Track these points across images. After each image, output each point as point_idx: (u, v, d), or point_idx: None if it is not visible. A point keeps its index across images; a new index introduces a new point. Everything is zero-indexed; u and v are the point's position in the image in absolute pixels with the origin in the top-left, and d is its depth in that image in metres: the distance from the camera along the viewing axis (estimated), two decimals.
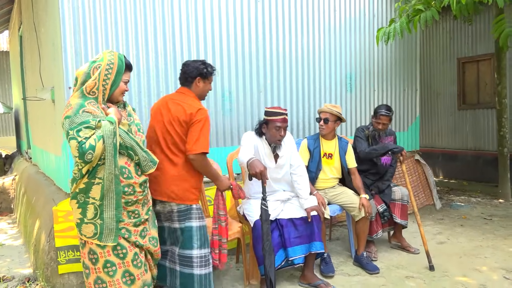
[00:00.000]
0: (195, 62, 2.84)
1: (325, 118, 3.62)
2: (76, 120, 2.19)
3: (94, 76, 2.29)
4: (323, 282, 3.15)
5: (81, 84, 2.31)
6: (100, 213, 2.28)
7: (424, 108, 8.49)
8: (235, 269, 3.58)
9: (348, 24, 4.85)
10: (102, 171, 2.25)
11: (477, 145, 7.61)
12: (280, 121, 3.11)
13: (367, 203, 3.47)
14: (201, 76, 2.80)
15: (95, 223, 2.28)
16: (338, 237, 4.37)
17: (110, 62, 2.33)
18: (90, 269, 2.34)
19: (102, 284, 2.33)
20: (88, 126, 2.19)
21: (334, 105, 3.67)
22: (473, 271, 3.40)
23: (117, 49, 3.45)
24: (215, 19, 3.95)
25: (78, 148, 2.14)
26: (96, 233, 2.28)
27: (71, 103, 2.27)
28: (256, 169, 2.85)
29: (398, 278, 3.31)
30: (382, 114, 3.84)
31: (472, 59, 7.62)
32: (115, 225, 2.30)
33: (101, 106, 2.31)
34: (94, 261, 2.33)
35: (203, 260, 2.69)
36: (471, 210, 5.40)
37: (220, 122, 4.05)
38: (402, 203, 3.90)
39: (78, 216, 2.31)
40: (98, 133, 2.18)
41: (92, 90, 2.30)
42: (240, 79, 4.13)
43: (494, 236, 4.27)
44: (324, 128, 3.64)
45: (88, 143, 2.15)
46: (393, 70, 5.29)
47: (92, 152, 2.15)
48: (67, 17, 3.25)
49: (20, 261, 3.94)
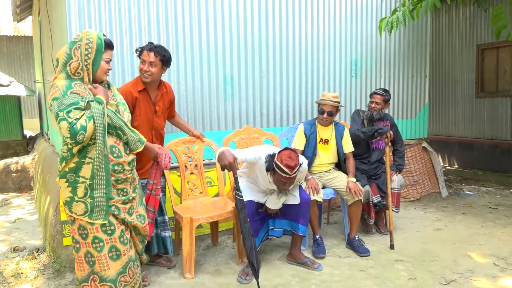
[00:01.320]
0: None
1: (329, 111, 3.65)
2: (65, 101, 2.29)
3: (76, 57, 2.37)
4: (309, 260, 3.28)
5: (63, 66, 2.40)
6: (91, 192, 2.38)
7: (441, 96, 8.34)
8: (231, 247, 3.72)
9: (354, 9, 4.83)
10: (92, 151, 2.35)
11: (494, 134, 7.44)
12: (285, 178, 2.90)
13: (353, 186, 3.54)
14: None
15: (86, 201, 2.38)
16: (337, 221, 4.45)
17: (89, 41, 2.39)
18: (80, 243, 2.46)
19: (91, 258, 2.47)
20: (77, 107, 2.29)
21: (335, 95, 3.68)
22: (463, 257, 3.42)
23: (120, 35, 3.59)
24: (217, 4, 4.02)
25: (69, 129, 2.23)
26: (87, 211, 2.39)
27: (58, 85, 2.36)
28: (224, 161, 2.79)
29: (387, 261, 3.38)
30: (374, 92, 3.90)
31: (492, 46, 7.40)
32: (105, 203, 2.43)
33: (88, 87, 2.42)
34: (84, 236, 2.44)
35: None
36: (479, 199, 5.35)
37: (222, 106, 4.16)
38: (397, 191, 3.96)
39: (68, 194, 2.41)
40: (88, 114, 2.29)
41: (77, 71, 2.37)
42: (242, 64, 4.21)
43: (494, 224, 4.25)
44: (328, 120, 3.68)
45: (79, 123, 2.25)
46: (401, 56, 5.24)
47: (83, 132, 2.26)
48: (72, 3, 3.41)
49: (33, 234, 4.22)
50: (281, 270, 3.24)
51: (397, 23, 4.30)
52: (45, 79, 5.79)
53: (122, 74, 3.64)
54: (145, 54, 2.98)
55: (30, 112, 12.87)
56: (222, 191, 3.65)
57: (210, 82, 4.06)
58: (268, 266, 3.29)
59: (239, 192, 2.83)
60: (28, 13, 8.42)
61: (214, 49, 4.05)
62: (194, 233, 3.13)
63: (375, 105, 3.90)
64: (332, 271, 3.22)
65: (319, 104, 3.71)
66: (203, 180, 3.70)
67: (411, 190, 5.20)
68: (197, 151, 3.62)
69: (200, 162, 3.61)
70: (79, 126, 2.25)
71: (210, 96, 4.07)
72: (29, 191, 6.23)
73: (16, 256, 3.53)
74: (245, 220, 2.80)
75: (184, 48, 3.89)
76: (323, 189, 3.70)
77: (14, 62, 13.10)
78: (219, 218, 3.32)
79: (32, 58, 12.54)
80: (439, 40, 8.31)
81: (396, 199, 3.95)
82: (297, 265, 3.30)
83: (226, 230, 3.99)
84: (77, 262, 2.52)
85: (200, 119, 4.03)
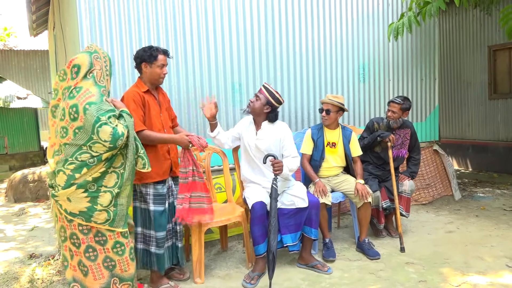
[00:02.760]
0: (141, 49, 3.03)
1: (326, 109, 3.70)
2: (103, 107, 2.35)
3: (98, 66, 2.49)
4: (319, 263, 3.30)
5: (86, 73, 2.47)
6: (115, 200, 2.44)
7: (454, 98, 8.27)
8: (241, 252, 3.76)
9: (361, 14, 4.86)
10: (117, 160, 2.42)
11: (509, 136, 7.34)
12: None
13: (361, 188, 3.56)
14: (145, 62, 2.97)
15: (109, 210, 2.44)
16: (347, 225, 4.45)
17: (103, 54, 2.56)
18: (98, 250, 2.51)
19: (111, 262, 2.54)
20: (114, 114, 2.37)
21: (336, 96, 3.74)
22: (475, 259, 3.39)
23: (130, 47, 3.70)
24: (224, 12, 4.11)
25: (112, 134, 2.29)
26: (109, 219, 2.45)
27: (91, 90, 2.42)
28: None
29: (397, 264, 3.37)
30: (391, 100, 3.91)
31: (503, 47, 7.33)
32: (126, 211, 2.51)
33: (108, 99, 2.52)
34: (103, 243, 2.51)
35: (144, 237, 2.98)
36: (493, 202, 5.28)
37: (231, 113, 4.22)
38: (407, 196, 3.96)
39: (85, 205, 2.42)
40: (123, 123, 2.38)
41: (100, 79, 2.48)
42: (250, 70, 4.28)
43: (508, 226, 4.19)
44: (326, 118, 3.72)
45: (120, 130, 2.33)
46: (410, 60, 5.24)
47: (122, 138, 2.34)
48: (84, 17, 3.53)
49: (49, 241, 4.33)
50: (291, 274, 3.26)
51: (403, 28, 4.32)
52: None
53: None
54: (164, 58, 3.03)
55: (47, 124, 13.21)
56: (230, 197, 3.70)
57: (219, 90, 4.14)
58: (278, 270, 3.31)
59: (276, 182, 3.02)
60: (44, 27, 8.69)
61: (222, 57, 4.12)
62: (203, 238, 3.18)
63: (392, 114, 3.90)
64: (342, 274, 3.23)
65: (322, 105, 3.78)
66: (212, 186, 3.75)
67: (422, 194, 5.17)
68: (205, 158, 3.68)
69: (208, 169, 3.68)
70: (120, 132, 2.33)
71: (219, 103, 4.14)
72: (45, 201, 6.39)
73: (32, 263, 3.63)
74: (275, 211, 2.93)
75: (192, 57, 3.98)
76: (332, 193, 3.72)
77: (31, 75, 13.49)
78: (227, 223, 3.37)
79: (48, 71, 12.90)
80: (450, 42, 8.26)
81: (406, 203, 3.95)
82: (307, 269, 3.32)
83: (236, 235, 4.03)
84: (94, 272, 2.53)
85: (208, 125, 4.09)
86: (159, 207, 2.95)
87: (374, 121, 4.05)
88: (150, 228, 2.97)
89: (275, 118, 3.40)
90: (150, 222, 2.96)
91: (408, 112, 3.95)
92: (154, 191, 2.94)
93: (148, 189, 2.93)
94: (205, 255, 3.60)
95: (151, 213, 2.94)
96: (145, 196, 2.94)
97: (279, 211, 3.22)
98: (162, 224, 2.96)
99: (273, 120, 3.40)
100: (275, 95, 3.35)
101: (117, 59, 3.65)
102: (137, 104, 2.89)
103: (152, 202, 2.94)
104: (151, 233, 2.97)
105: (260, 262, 3.18)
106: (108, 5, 3.61)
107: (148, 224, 2.97)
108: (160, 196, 2.97)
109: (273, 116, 3.38)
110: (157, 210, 2.94)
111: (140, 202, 2.97)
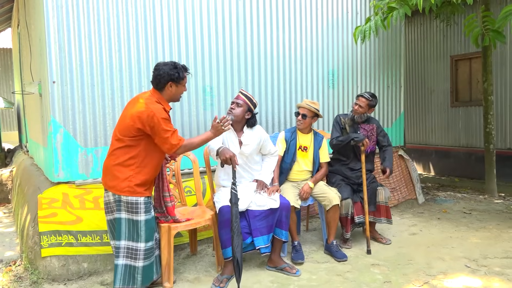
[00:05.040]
0: (166, 65, 2.88)
1: (303, 114, 3.76)
2: None
3: None
4: (288, 265, 3.34)
5: None
6: None
7: (418, 105, 8.58)
8: (211, 255, 3.75)
9: (331, 21, 4.98)
10: None
11: (469, 142, 7.68)
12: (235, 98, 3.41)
13: (306, 189, 3.69)
14: (172, 81, 2.87)
15: None
16: (316, 228, 4.52)
17: None
18: None
19: None
20: None
21: (313, 102, 3.81)
22: (437, 260, 3.53)
23: (99, 46, 3.64)
24: (196, 14, 4.10)
25: None
26: None
27: None
28: (226, 155, 3.10)
29: (364, 266, 3.46)
30: (360, 94, 3.99)
31: (464, 57, 7.69)
32: None
33: None
34: None
35: (129, 252, 2.85)
36: (454, 205, 5.50)
37: (202, 117, 4.21)
38: (385, 204, 3.92)
39: None
40: None
41: None
42: (221, 74, 4.29)
43: (467, 228, 4.38)
44: (302, 122, 3.79)
45: None
46: (377, 68, 5.40)
47: None
48: (51, 15, 3.44)
49: (10, 246, 4.16)
50: (260, 277, 3.28)
51: (370, 31, 4.46)
52: (24, 91, 5.75)
53: (101, 86, 3.67)
54: (186, 76, 2.98)
55: (9, 125, 12.70)
56: (200, 200, 3.69)
57: (190, 93, 4.12)
58: (247, 273, 3.33)
59: (235, 187, 3.01)
60: (7, 25, 8.37)
61: (193, 59, 4.11)
62: (172, 242, 3.15)
63: (358, 108, 3.95)
64: (310, 276, 3.28)
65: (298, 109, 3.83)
66: (181, 190, 3.73)
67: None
68: (175, 161, 3.65)
69: (178, 172, 3.65)
70: None
71: (190, 106, 4.13)
72: (6, 204, 6.14)
73: None
74: (236, 216, 2.92)
75: (163, 58, 3.94)
76: None
77: None
78: (197, 226, 3.35)
79: (11, 70, 12.41)
80: (415, 52, 8.58)
81: (386, 211, 3.91)
82: (276, 271, 3.35)
83: (206, 238, 4.01)
84: None
85: (180, 129, 4.07)
86: (149, 215, 2.89)
87: (341, 117, 4.08)
88: (138, 241, 2.85)
89: (254, 123, 3.46)
90: (138, 234, 2.85)
91: (373, 109, 4.02)
92: (144, 200, 2.86)
93: (139, 199, 2.84)
94: (174, 259, 3.56)
95: (141, 223, 2.84)
96: (135, 207, 2.83)
97: (250, 213, 3.25)
98: (152, 231, 2.90)
99: (253, 125, 3.45)
100: (252, 100, 3.42)
101: (85, 59, 3.58)
102: (170, 121, 2.85)
103: (144, 211, 2.85)
104: (138, 246, 2.85)
105: (228, 265, 3.19)
106: (77, 3, 3.53)
107: (136, 237, 2.85)
108: (149, 204, 2.91)
109: (253, 121, 3.46)
110: (148, 219, 2.87)
111: (127, 213, 2.84)
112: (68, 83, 3.53)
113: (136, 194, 2.81)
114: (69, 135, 3.55)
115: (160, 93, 2.91)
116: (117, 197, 2.83)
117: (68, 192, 3.55)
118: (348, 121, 4.04)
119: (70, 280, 3.31)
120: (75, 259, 3.40)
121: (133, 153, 2.80)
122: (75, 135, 3.58)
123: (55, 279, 3.29)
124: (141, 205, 2.84)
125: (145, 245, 2.85)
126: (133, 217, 2.84)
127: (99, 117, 3.67)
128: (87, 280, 3.32)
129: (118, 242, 2.87)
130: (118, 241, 2.87)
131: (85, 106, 3.61)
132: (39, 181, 4.14)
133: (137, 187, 2.81)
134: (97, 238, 3.49)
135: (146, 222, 2.86)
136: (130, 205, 2.82)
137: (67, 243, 3.39)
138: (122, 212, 2.85)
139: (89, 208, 3.55)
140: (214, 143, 3.24)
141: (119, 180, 2.80)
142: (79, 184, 3.60)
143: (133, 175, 2.80)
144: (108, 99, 3.70)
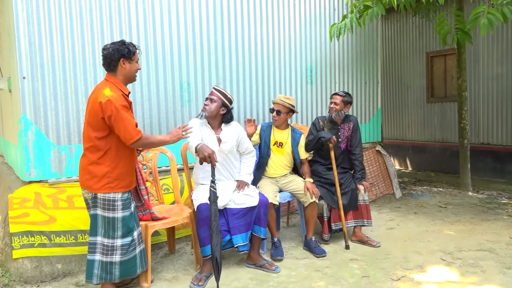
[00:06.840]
0: (114, 44, 2.78)
1: (277, 110, 3.75)
2: None
3: None
4: (267, 262, 3.33)
5: None
6: None
7: (395, 101, 8.70)
8: (189, 254, 3.70)
9: (308, 18, 4.97)
10: None
11: (445, 137, 7.83)
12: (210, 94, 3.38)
13: (311, 186, 3.64)
14: (124, 57, 2.76)
15: None
16: (295, 224, 4.53)
17: None
18: None
19: None
20: None
21: (288, 97, 3.79)
22: (414, 253, 3.58)
23: (72, 41, 3.52)
24: (172, 10, 4.03)
25: None
26: None
27: None
28: (204, 152, 3.05)
29: (342, 261, 3.48)
30: (334, 93, 3.98)
31: (439, 53, 7.82)
32: None
33: None
34: None
35: (104, 249, 2.80)
36: (430, 199, 5.60)
37: (179, 113, 4.14)
38: (365, 203, 3.90)
39: None
40: None
41: None
42: (198, 70, 4.23)
43: (443, 222, 4.47)
44: (277, 119, 3.77)
45: None
46: (355, 64, 5.43)
47: None
48: (20, 9, 3.31)
49: None
50: (239, 274, 3.26)
51: (345, 29, 4.49)
52: None
53: (75, 81, 3.56)
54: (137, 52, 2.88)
55: None
56: (178, 198, 3.64)
57: (166, 88, 4.05)
58: (226, 270, 3.30)
59: (214, 185, 2.96)
60: None
61: (169, 55, 4.04)
62: (150, 240, 3.10)
63: (334, 106, 3.94)
64: (289, 272, 3.28)
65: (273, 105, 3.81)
66: (159, 188, 3.67)
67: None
68: (152, 158, 3.59)
69: (155, 170, 3.59)
70: None
71: (167, 102, 4.06)
72: None
73: None
74: (215, 214, 2.87)
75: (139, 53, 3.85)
76: (280, 193, 3.77)
77: None
78: (174, 224, 3.30)
79: None
80: (392, 48, 8.69)
81: (367, 211, 3.89)
82: (256, 268, 3.34)
83: (184, 237, 3.96)
84: None
85: (156, 125, 4.00)
86: (127, 212, 2.82)
87: (319, 119, 4.07)
88: (115, 237, 2.79)
89: (231, 118, 3.41)
90: (115, 231, 2.79)
91: (350, 106, 3.97)
92: (122, 196, 2.80)
93: (117, 196, 2.78)
94: (152, 258, 3.51)
95: (118, 220, 2.78)
96: (112, 204, 2.77)
97: (229, 211, 3.22)
98: (129, 228, 2.83)
99: (229, 121, 3.41)
100: (227, 96, 3.36)
101: (57, 54, 3.47)
102: (129, 109, 2.74)
103: (121, 209, 2.79)
104: (115, 243, 2.79)
105: (207, 263, 3.15)
106: None
107: (112, 233, 2.79)
108: (128, 200, 2.84)
109: (229, 117, 3.41)
110: (126, 215, 2.81)
111: (103, 210, 2.77)
112: (39, 79, 3.41)
113: (116, 189, 2.77)
114: (41, 132, 3.44)
115: (114, 76, 2.80)
116: (92, 194, 2.78)
117: (41, 191, 3.43)
118: (327, 124, 4.00)
119: (44, 282, 3.21)
120: (48, 260, 3.30)
121: (103, 151, 2.74)
122: (47, 133, 3.47)
123: (28, 281, 3.19)
124: (118, 202, 2.78)
125: (122, 241, 2.80)
126: (109, 215, 2.79)
127: (72, 114, 3.57)
128: (61, 282, 3.23)
129: (94, 238, 2.82)
130: (94, 237, 2.82)
131: (58, 103, 3.50)
132: (10, 181, 4.00)
133: (117, 181, 2.77)
134: (72, 238, 3.40)
135: (124, 219, 2.80)
136: (106, 202, 2.77)
137: (40, 243, 3.29)
138: (98, 209, 2.80)
139: (63, 207, 3.44)
140: (193, 140, 3.18)
141: (98, 178, 2.75)
142: (52, 183, 3.49)
143: (110, 171, 2.75)
144: (82, 95, 3.60)
